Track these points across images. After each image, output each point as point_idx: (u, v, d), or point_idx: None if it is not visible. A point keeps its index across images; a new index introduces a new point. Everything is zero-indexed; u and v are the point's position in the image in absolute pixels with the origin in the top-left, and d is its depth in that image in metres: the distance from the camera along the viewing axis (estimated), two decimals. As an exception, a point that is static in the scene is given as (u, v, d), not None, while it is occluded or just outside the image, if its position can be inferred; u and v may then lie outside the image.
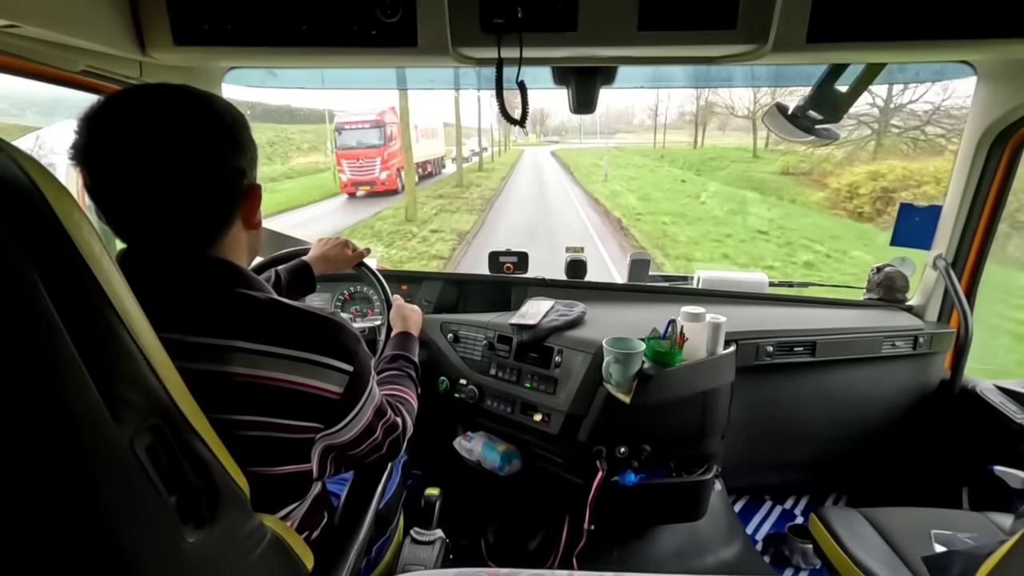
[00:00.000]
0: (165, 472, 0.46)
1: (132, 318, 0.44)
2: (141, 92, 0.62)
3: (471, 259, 8.66)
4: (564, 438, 1.31)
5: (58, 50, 0.94)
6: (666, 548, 1.47)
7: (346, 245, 1.28)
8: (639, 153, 33.19)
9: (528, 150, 42.22)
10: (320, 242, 1.28)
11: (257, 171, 0.70)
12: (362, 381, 0.71)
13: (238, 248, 0.70)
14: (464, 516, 1.57)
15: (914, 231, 1.58)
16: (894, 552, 1.11)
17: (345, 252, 1.27)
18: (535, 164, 29.62)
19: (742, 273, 1.90)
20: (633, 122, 64.15)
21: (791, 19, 0.92)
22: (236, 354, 0.60)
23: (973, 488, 1.55)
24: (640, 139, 45.72)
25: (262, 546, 0.60)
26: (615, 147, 37.99)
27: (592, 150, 38.77)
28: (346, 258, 1.28)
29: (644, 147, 38.06)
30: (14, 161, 0.38)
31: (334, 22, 0.96)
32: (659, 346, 1.20)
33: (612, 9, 0.94)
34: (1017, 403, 1.45)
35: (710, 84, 1.67)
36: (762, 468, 1.79)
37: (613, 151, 31.43)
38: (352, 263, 1.29)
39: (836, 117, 1.26)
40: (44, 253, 0.38)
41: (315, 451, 0.69)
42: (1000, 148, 1.40)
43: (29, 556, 0.41)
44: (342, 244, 1.28)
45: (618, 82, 1.25)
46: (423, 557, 1.16)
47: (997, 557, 0.71)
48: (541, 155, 36.70)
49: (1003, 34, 0.90)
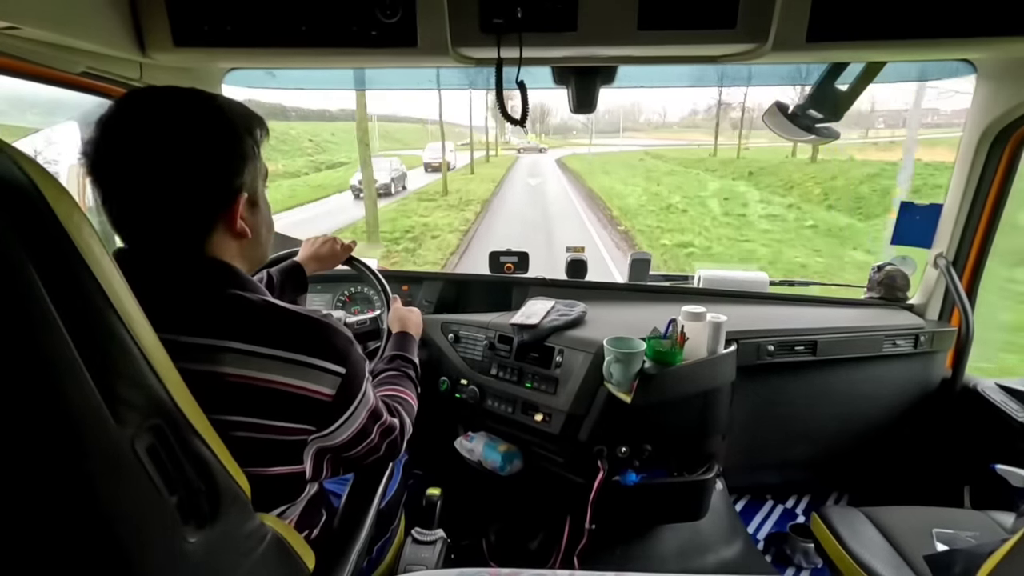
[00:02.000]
0: (166, 472, 0.46)
1: (132, 318, 0.45)
2: (152, 94, 0.63)
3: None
4: (565, 438, 1.31)
5: (58, 52, 0.94)
6: (667, 548, 1.47)
7: (334, 242, 1.29)
8: (679, 161, 24.57)
9: (525, 157, 34.78)
10: (308, 241, 1.29)
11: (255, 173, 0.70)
12: (355, 383, 0.71)
13: (236, 249, 0.70)
14: (465, 516, 1.57)
15: (915, 229, 1.58)
16: (896, 551, 1.11)
17: (334, 248, 1.28)
18: (535, 186, 18.20)
19: (743, 272, 1.90)
20: (640, 119, 60.25)
21: (791, 18, 0.92)
22: (228, 355, 0.61)
23: (975, 487, 1.55)
24: (654, 139, 39.21)
25: (263, 546, 0.60)
26: (642, 151, 29.81)
27: (611, 155, 31.03)
28: (335, 254, 1.28)
29: (681, 151, 29.64)
30: (14, 162, 0.38)
31: (334, 23, 0.96)
32: (660, 346, 1.20)
33: (612, 9, 0.94)
34: (1018, 401, 1.45)
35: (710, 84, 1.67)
36: (763, 467, 1.79)
37: (643, 157, 24.42)
38: (342, 258, 1.30)
39: (836, 116, 1.26)
40: (44, 253, 0.38)
41: (308, 453, 0.69)
42: (1000, 147, 1.39)
43: (30, 556, 0.41)
44: (330, 241, 1.29)
45: (618, 82, 1.25)
46: (424, 557, 1.16)
47: (999, 556, 0.71)
48: (543, 165, 28.38)
49: (1003, 32, 0.89)
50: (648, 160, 25.66)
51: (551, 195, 16.17)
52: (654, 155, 28.45)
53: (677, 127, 52.54)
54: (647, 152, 31.42)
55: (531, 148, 43.40)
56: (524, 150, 41.59)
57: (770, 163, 19.56)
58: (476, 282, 1.83)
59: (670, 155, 28.28)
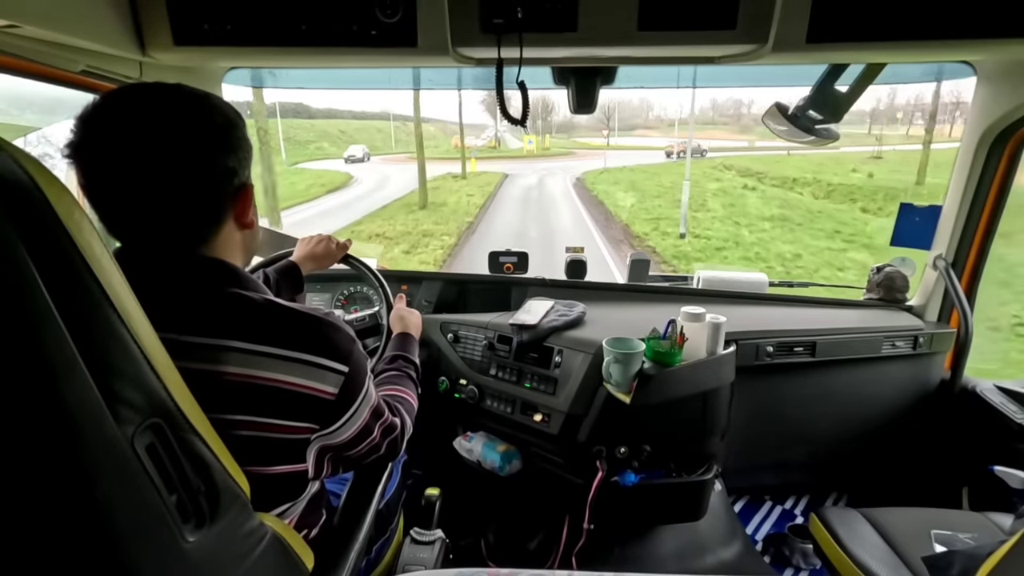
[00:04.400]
0: (165, 471, 0.46)
1: (132, 317, 0.44)
2: (135, 90, 0.62)
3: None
4: (564, 438, 1.31)
5: (58, 50, 0.94)
6: (666, 548, 1.47)
7: (329, 240, 1.29)
8: (778, 180, 16.52)
9: (517, 174, 21.66)
10: (303, 241, 1.29)
11: (250, 170, 0.69)
12: (357, 382, 0.71)
13: (232, 247, 0.70)
14: (464, 516, 1.57)
15: (914, 231, 1.58)
16: (894, 552, 1.11)
17: (330, 247, 1.28)
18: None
19: (742, 273, 1.90)
20: (650, 116, 55.81)
21: (791, 19, 0.92)
22: (230, 354, 0.60)
23: (973, 488, 1.55)
24: (670, 137, 30.73)
25: (262, 546, 0.60)
26: (715, 159, 20.03)
27: (654, 167, 21.87)
28: (331, 253, 1.28)
29: (751, 159, 21.37)
30: (14, 161, 0.38)
31: (334, 22, 0.96)
32: (659, 346, 1.20)
33: (612, 9, 0.94)
34: (1017, 403, 1.45)
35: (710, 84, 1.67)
36: (762, 468, 1.79)
37: (719, 173, 15.64)
38: (338, 257, 1.30)
39: (836, 117, 1.26)
40: (45, 252, 0.38)
41: (311, 451, 0.69)
42: (1000, 148, 1.40)
43: (29, 555, 0.41)
44: (325, 240, 1.29)
45: (618, 82, 1.25)
46: (423, 557, 1.16)
47: (997, 557, 0.71)
48: (551, 191, 17.36)
49: (1003, 34, 0.90)
50: (726, 177, 15.33)
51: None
52: (713, 165, 19.26)
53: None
54: (713, 162, 20.58)
55: (530, 155, 29.96)
56: (522, 158, 28.59)
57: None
58: (475, 282, 1.83)
59: (740, 165, 20.88)
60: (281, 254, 1.27)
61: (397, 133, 40.84)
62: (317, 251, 1.26)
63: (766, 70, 1.26)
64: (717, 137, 27.35)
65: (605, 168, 23.80)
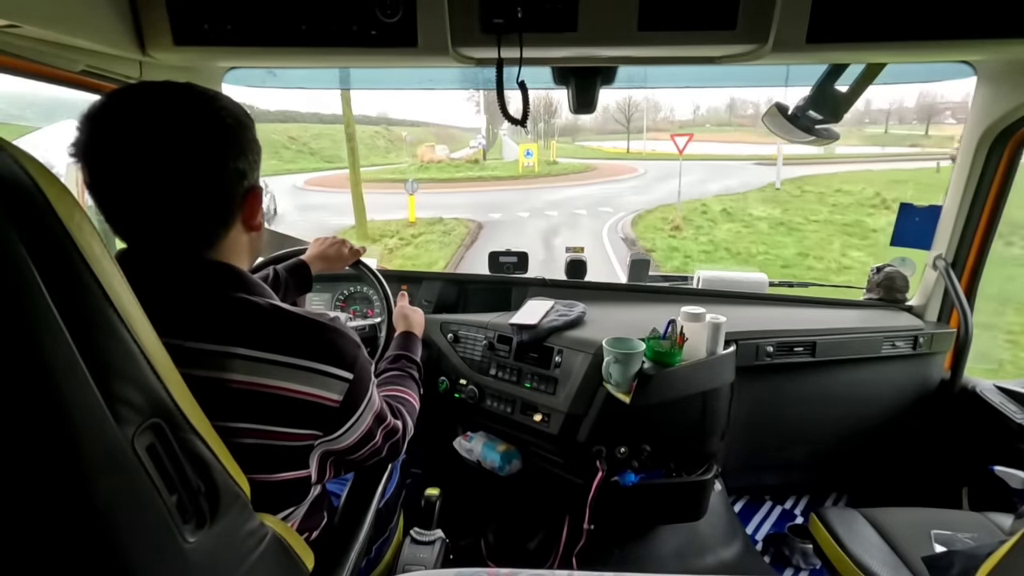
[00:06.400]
0: (165, 472, 0.46)
1: (133, 318, 0.44)
2: (143, 89, 0.61)
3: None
4: (564, 438, 1.31)
5: (58, 50, 0.94)
6: (666, 548, 1.47)
7: (343, 244, 1.29)
8: (865, 202, 12.10)
9: (503, 216, 11.01)
10: (317, 241, 1.29)
11: (259, 172, 0.69)
12: (361, 388, 0.70)
13: (239, 251, 0.69)
14: (464, 516, 1.57)
15: (914, 231, 1.58)
16: (894, 552, 1.11)
17: (342, 251, 1.28)
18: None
19: (742, 273, 1.90)
20: (658, 117, 50.80)
21: (791, 19, 0.92)
22: (236, 361, 0.60)
23: (973, 488, 1.55)
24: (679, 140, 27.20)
25: (262, 546, 0.60)
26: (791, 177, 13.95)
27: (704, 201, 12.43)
28: (343, 256, 1.28)
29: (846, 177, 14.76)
30: (15, 161, 0.38)
31: (334, 22, 0.96)
32: (659, 346, 1.20)
33: (612, 9, 0.94)
34: (1017, 403, 1.45)
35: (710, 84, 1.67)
36: (762, 468, 1.79)
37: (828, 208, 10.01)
38: (349, 261, 1.30)
39: (836, 117, 1.26)
40: (45, 253, 0.38)
41: (313, 457, 0.69)
42: (1000, 148, 1.40)
43: (29, 555, 0.41)
44: (339, 243, 1.28)
45: (618, 82, 1.25)
46: (423, 557, 1.16)
47: (997, 557, 0.71)
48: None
49: (1003, 34, 0.90)
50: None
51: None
52: (802, 187, 14.05)
53: (711, 125, 44.31)
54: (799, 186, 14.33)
55: (530, 175, 18.71)
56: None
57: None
58: (475, 282, 1.83)
59: (823, 181, 14.93)
60: (293, 251, 1.27)
61: (375, 139, 34.51)
62: (329, 253, 1.26)
63: (766, 70, 1.26)
64: (740, 140, 24.94)
65: (668, 204, 12.17)
